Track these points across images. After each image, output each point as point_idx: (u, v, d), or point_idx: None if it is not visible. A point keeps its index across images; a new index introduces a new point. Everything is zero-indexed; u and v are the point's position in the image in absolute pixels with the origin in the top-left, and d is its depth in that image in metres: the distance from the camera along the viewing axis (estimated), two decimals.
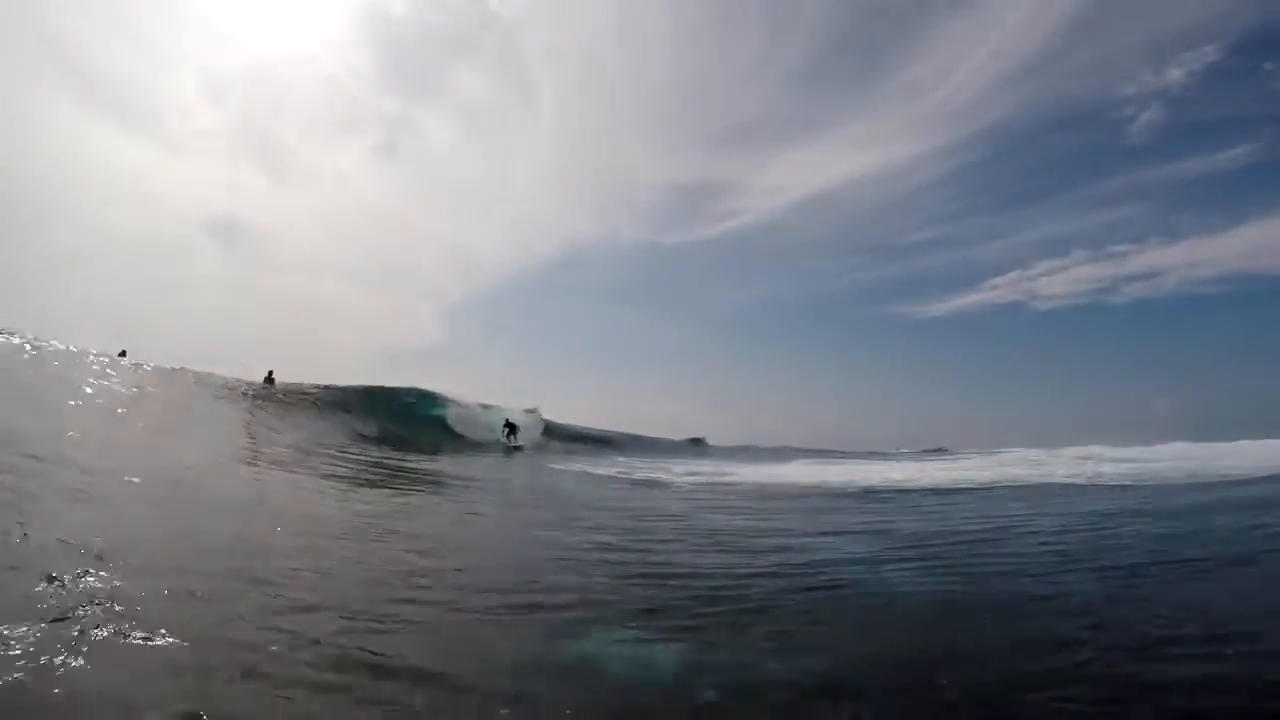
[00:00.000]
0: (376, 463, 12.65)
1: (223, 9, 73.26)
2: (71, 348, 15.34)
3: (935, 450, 41.76)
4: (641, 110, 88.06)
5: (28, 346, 13.41)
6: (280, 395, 19.31)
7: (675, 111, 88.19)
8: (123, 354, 18.18)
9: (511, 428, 24.21)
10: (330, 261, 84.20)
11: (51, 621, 2.83)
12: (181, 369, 19.38)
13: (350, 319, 75.31)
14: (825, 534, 7.67)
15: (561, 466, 18.12)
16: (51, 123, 54.23)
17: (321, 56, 77.18)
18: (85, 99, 59.58)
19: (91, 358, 15.10)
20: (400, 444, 17.26)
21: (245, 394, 17.93)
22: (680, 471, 17.68)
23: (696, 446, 39.01)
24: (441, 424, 23.50)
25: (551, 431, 28.50)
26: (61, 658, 2.53)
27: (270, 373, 21.91)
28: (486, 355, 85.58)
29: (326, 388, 22.15)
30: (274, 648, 2.98)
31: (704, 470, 19.02)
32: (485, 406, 26.01)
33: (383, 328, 79.17)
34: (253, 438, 12.70)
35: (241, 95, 73.56)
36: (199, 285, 64.88)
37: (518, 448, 23.47)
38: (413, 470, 12.35)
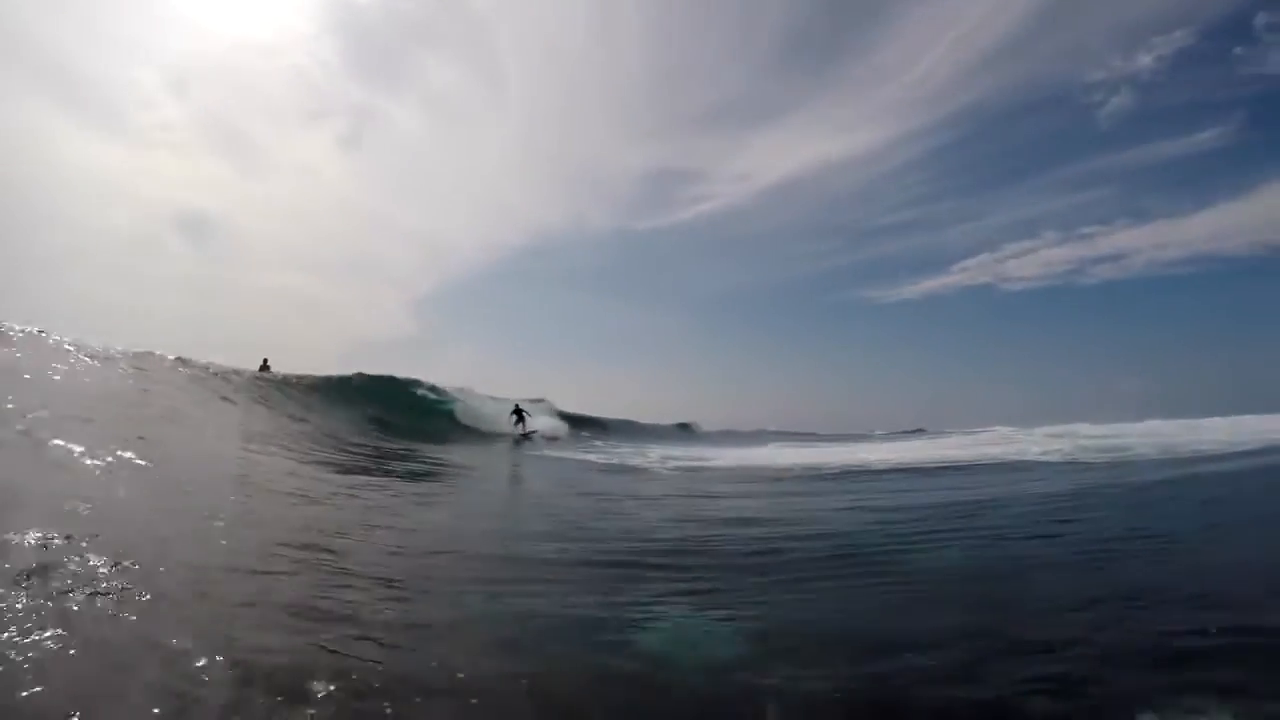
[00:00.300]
0: (366, 449, 12.53)
1: (188, 0, 71.09)
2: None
3: (915, 431, 42.02)
4: (611, 97, 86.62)
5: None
6: (278, 381, 19.00)
7: (645, 98, 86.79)
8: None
9: (520, 415, 23.49)
10: (299, 254, 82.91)
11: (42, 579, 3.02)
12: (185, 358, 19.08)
13: (319, 311, 74.33)
14: (790, 516, 7.67)
15: (555, 454, 18.12)
16: (19, 122, 52.88)
17: (287, 46, 74.91)
18: (54, 97, 58.21)
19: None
20: (400, 433, 17.06)
21: (255, 380, 17.62)
22: (660, 456, 17.67)
23: (684, 432, 39.03)
24: (449, 416, 22.80)
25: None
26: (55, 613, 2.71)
27: (265, 360, 21.81)
28: (459, 345, 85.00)
29: (329, 377, 21.71)
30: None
31: (684, 455, 19.04)
32: (494, 399, 25.26)
33: (352, 319, 78.32)
34: (256, 423, 12.56)
35: (207, 88, 71.85)
36: (169, 280, 63.83)
37: (528, 435, 22.80)
38: (405, 457, 12.25)
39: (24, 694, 2.16)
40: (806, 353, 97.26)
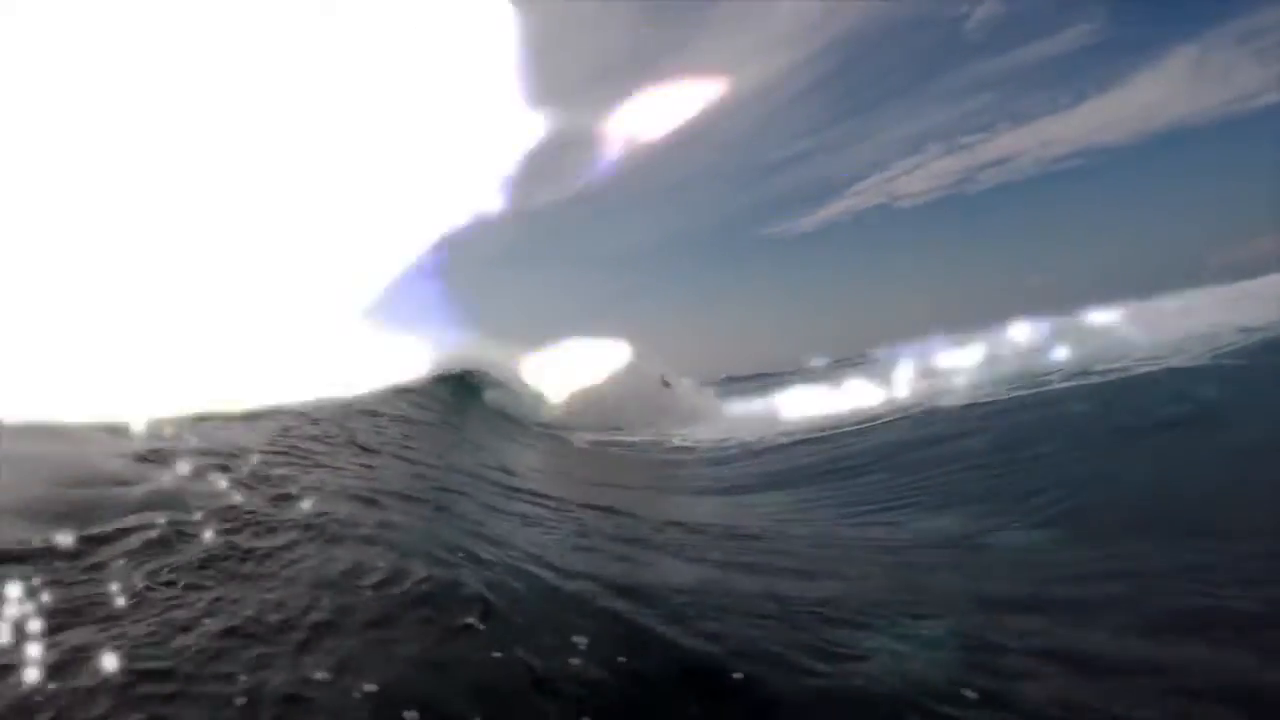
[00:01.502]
0: None
1: None
2: None
3: (859, 357, 40.22)
4: (493, 77, 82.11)
5: None
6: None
7: (529, 71, 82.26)
8: None
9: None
10: None
11: None
12: None
13: None
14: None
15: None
16: None
17: None
18: None
19: None
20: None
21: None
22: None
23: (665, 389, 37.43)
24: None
25: None
26: None
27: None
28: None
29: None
30: None
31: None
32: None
33: None
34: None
35: None
36: None
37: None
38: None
39: None
40: (741, 294, 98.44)
